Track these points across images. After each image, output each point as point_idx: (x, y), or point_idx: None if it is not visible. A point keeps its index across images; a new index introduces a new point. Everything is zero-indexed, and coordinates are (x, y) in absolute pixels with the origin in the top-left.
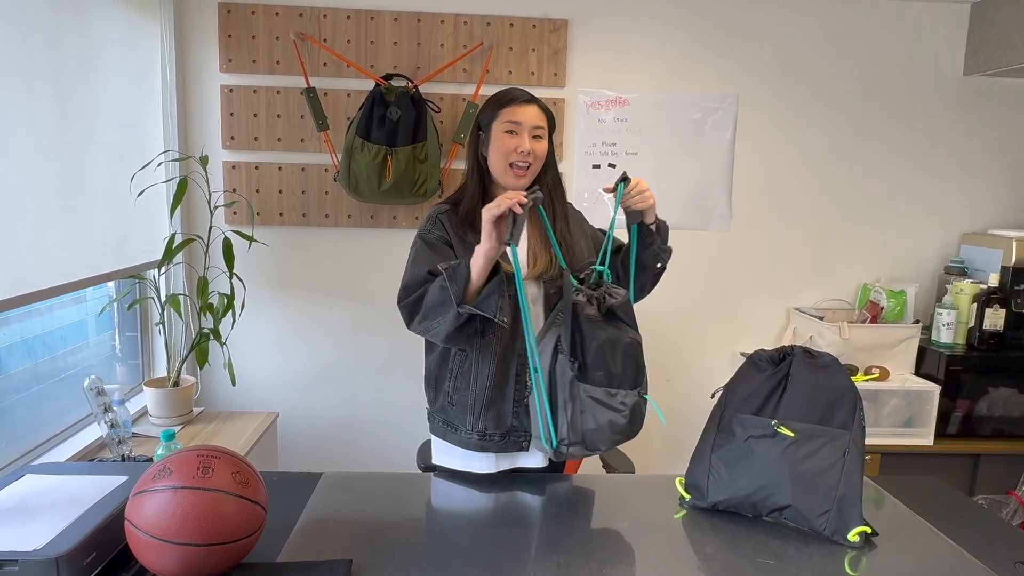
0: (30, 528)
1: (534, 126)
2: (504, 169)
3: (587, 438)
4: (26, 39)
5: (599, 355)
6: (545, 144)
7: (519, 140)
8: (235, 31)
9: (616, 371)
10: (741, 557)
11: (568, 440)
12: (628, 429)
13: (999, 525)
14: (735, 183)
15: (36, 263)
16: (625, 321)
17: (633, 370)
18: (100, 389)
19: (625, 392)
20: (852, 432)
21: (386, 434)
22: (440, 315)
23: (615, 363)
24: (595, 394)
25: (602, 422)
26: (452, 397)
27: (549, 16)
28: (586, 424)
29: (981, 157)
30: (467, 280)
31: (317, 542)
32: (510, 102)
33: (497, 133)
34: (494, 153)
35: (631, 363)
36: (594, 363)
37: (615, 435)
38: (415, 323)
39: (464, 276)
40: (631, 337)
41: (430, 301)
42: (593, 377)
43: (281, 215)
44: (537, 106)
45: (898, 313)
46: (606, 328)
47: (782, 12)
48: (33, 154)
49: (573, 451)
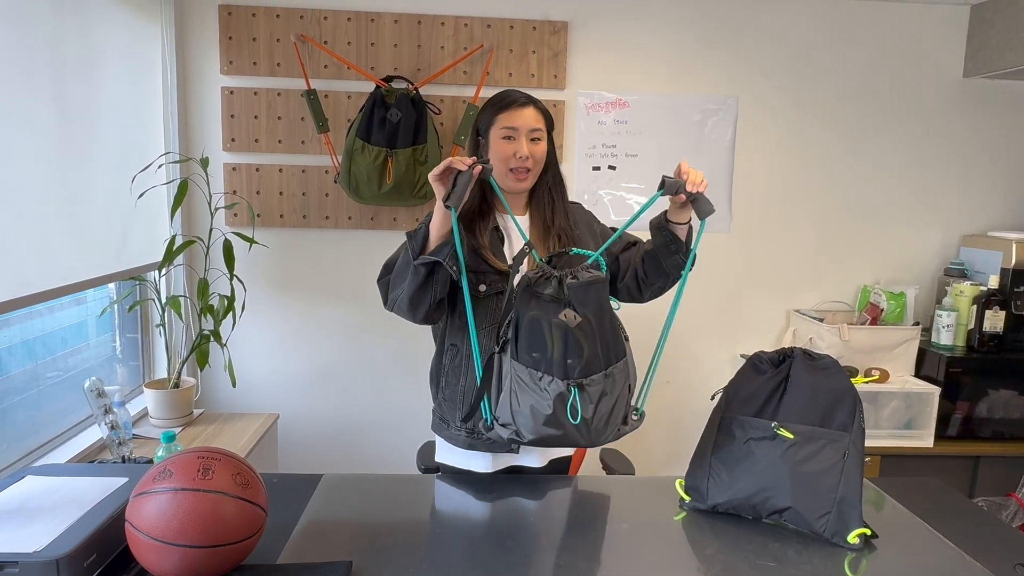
0: (30, 529)
1: (531, 129)
2: (505, 173)
3: (516, 421)
4: (27, 42)
5: (529, 334)
6: (544, 146)
7: (517, 145)
8: (236, 33)
9: (548, 354)
10: (741, 559)
11: (502, 419)
12: (557, 423)
13: (999, 527)
14: (735, 185)
15: (37, 264)
16: (572, 305)
17: (561, 356)
18: (101, 391)
19: (551, 378)
20: (852, 434)
21: (386, 436)
22: (403, 278)
23: (549, 345)
24: (521, 373)
25: (526, 407)
26: (444, 392)
27: (549, 18)
28: (513, 404)
29: (981, 159)
30: (425, 238)
31: (317, 544)
32: (507, 107)
33: (495, 139)
34: (493, 158)
35: (560, 348)
36: (527, 342)
37: (543, 426)
38: (388, 297)
39: (422, 235)
40: (559, 319)
41: (397, 268)
42: (524, 357)
43: (281, 217)
44: (534, 108)
45: (898, 315)
46: (544, 306)
47: (782, 14)
48: (34, 156)
49: (502, 431)
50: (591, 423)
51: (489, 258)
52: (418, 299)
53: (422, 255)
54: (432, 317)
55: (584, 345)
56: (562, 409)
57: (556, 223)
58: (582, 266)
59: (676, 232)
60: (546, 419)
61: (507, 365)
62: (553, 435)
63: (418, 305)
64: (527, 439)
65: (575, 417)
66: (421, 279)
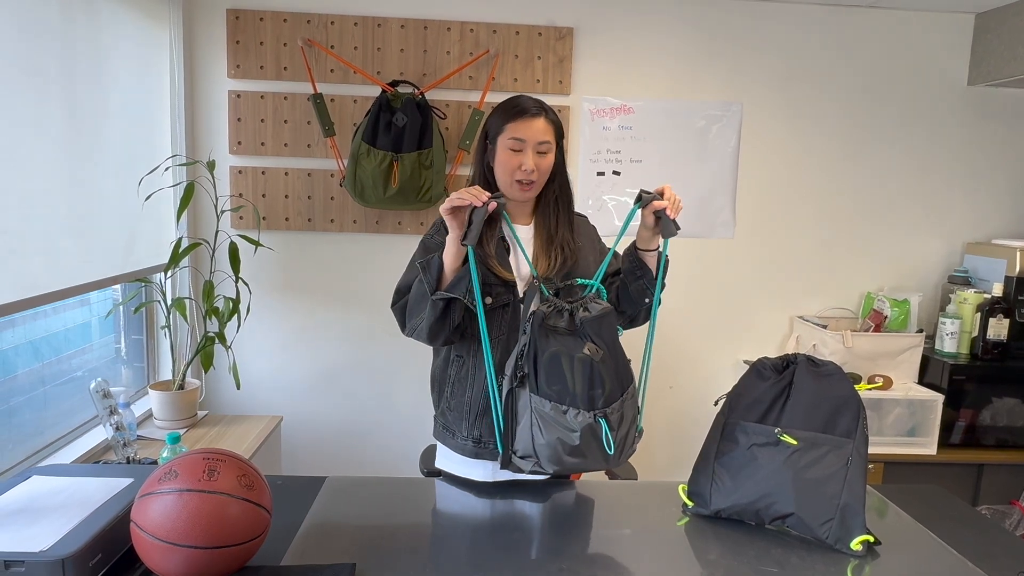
0: (36, 529)
1: (539, 141)
2: (510, 184)
3: (538, 453)
4: (36, 45)
5: (550, 368)
6: (550, 158)
7: (523, 158)
8: (243, 37)
9: (570, 388)
10: (744, 565)
11: (520, 452)
12: (581, 452)
13: (1002, 535)
14: (739, 191)
15: (44, 266)
16: (590, 336)
17: (586, 388)
18: (106, 392)
19: (577, 411)
20: (855, 441)
21: (390, 439)
22: (420, 309)
23: (571, 378)
24: (543, 408)
25: (551, 439)
26: (450, 402)
27: (555, 24)
28: (536, 438)
29: (985, 167)
30: (440, 269)
31: (321, 546)
32: (517, 116)
33: (502, 148)
34: (499, 167)
35: (584, 380)
36: (546, 376)
37: (567, 456)
38: (406, 325)
39: (436, 266)
40: (584, 352)
41: (412, 298)
42: (545, 391)
43: (287, 220)
44: (545, 119)
45: (901, 322)
46: (563, 340)
47: (786, 22)
48: (43, 158)
49: (522, 464)
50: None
51: (495, 267)
52: (437, 330)
53: (439, 290)
54: (451, 340)
55: (606, 376)
56: (591, 440)
57: (559, 234)
58: (589, 297)
59: (644, 259)
60: (571, 450)
61: (524, 399)
62: (576, 464)
63: (438, 334)
64: (550, 471)
65: (610, 448)
66: (439, 312)
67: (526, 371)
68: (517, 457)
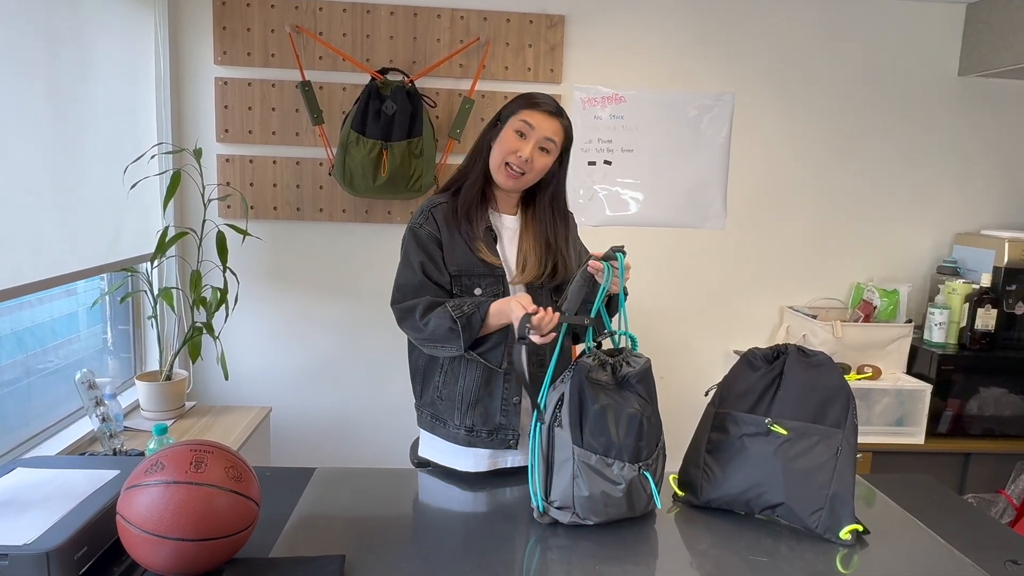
0: (21, 522)
1: (545, 137)
2: (499, 165)
3: (577, 505)
4: (20, 31)
5: (597, 421)
6: (549, 160)
7: (523, 144)
8: (230, 23)
9: (616, 440)
10: (734, 554)
11: (559, 503)
12: (623, 504)
13: (989, 523)
14: (730, 182)
15: (29, 255)
16: (638, 392)
17: (633, 441)
18: (92, 383)
19: (623, 464)
20: (845, 431)
21: (379, 430)
22: (442, 345)
23: (615, 432)
24: (590, 460)
25: (595, 492)
26: (441, 392)
27: (546, 12)
28: (578, 490)
29: (975, 158)
30: (479, 330)
31: (310, 537)
32: (535, 106)
33: (508, 129)
34: (497, 147)
35: (632, 434)
36: (592, 428)
37: (609, 508)
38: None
39: (476, 327)
40: (634, 408)
41: (436, 332)
42: (590, 443)
43: (275, 209)
44: (559, 121)
45: (891, 312)
46: (612, 395)
47: (778, 11)
48: (26, 146)
49: (559, 515)
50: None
51: (482, 251)
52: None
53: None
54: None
55: (648, 430)
56: (633, 492)
57: (556, 244)
58: (627, 351)
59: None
60: (614, 501)
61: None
62: (617, 513)
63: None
64: (592, 522)
65: (657, 501)
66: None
67: (562, 422)
68: (554, 508)
